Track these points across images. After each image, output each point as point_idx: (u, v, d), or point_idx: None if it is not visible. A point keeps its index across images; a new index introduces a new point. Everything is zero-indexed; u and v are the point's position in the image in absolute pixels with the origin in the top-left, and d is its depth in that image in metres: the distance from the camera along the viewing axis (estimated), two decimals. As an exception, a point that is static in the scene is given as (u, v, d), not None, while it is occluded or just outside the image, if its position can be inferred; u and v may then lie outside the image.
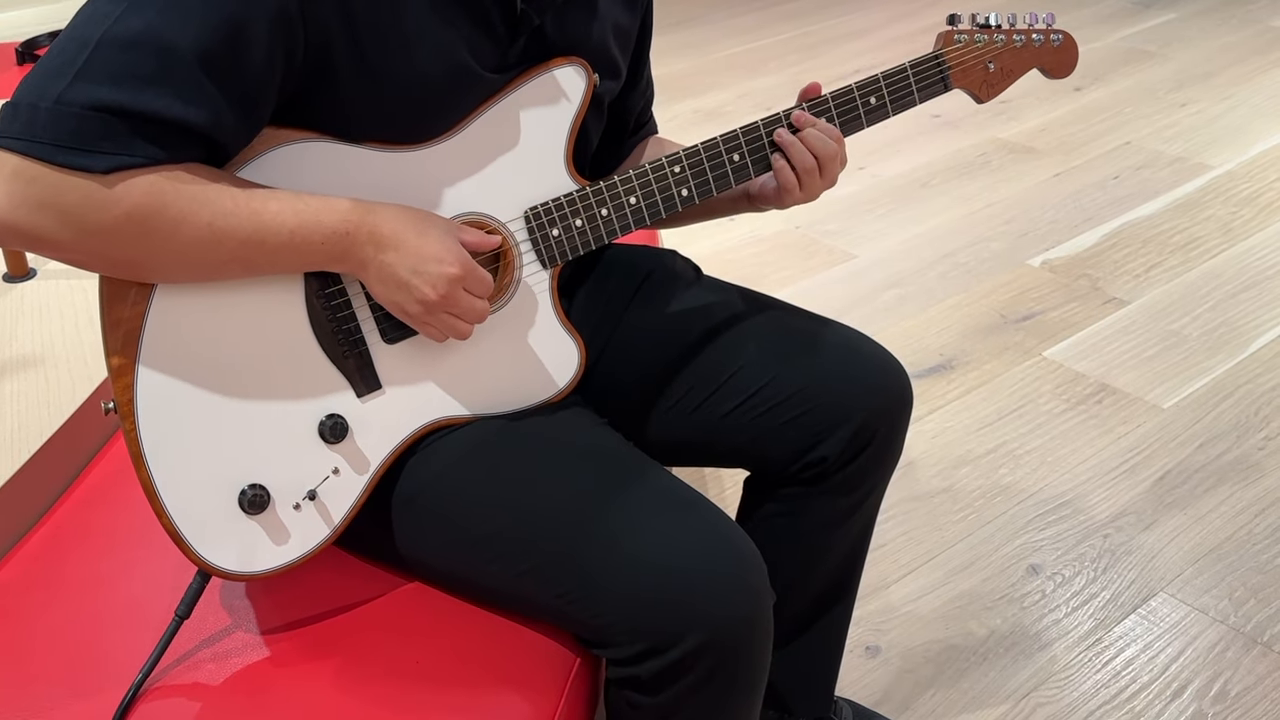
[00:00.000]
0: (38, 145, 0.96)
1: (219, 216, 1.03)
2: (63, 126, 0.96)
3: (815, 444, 1.35)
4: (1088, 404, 2.41)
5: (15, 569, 1.31)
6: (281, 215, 1.06)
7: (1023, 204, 3.23)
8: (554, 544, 1.14)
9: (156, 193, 1.00)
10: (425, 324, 1.14)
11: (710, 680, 1.13)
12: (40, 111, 0.97)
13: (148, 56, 0.98)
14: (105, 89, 0.97)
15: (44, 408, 1.52)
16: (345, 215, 1.08)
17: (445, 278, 1.11)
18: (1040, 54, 1.40)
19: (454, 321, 1.15)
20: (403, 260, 1.10)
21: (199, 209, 1.02)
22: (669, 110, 3.87)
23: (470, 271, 1.13)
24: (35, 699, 1.13)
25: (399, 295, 1.12)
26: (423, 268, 1.10)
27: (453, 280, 1.11)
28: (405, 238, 1.10)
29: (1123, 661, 1.82)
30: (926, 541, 2.06)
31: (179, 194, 1.01)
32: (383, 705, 1.12)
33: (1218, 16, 4.61)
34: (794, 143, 1.26)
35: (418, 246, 1.10)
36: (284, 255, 1.07)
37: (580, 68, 1.22)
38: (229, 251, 1.05)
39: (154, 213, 1.00)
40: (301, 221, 1.07)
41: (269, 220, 1.05)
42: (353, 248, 1.09)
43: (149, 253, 1.03)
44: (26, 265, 1.87)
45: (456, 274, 1.11)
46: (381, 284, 1.12)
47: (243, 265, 1.07)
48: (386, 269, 1.10)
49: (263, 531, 1.14)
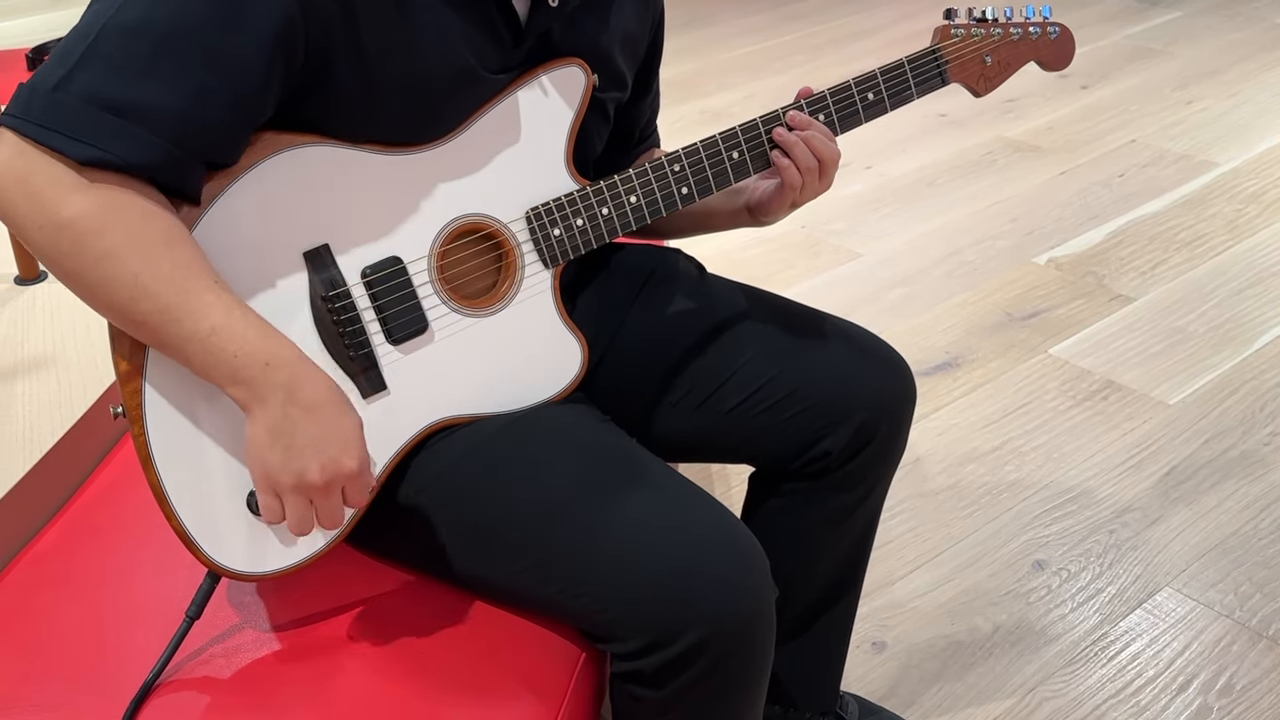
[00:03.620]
0: (28, 124, 0.98)
1: (148, 272, 0.99)
2: (55, 111, 0.98)
3: (819, 439, 1.36)
4: (1093, 400, 2.41)
5: (27, 568, 1.32)
6: (210, 309, 1.00)
7: (1028, 202, 3.24)
8: (558, 540, 1.15)
9: (104, 214, 0.98)
10: (276, 497, 1.04)
11: (713, 674, 1.14)
12: (39, 94, 0.99)
13: (144, 46, 0.99)
14: (101, 78, 0.98)
15: (55, 409, 1.53)
16: (275, 349, 1.02)
17: (341, 469, 1.03)
18: (1037, 47, 1.41)
19: (306, 513, 1.05)
20: (308, 426, 1.02)
21: (131, 255, 0.99)
22: (675, 111, 3.88)
23: (360, 477, 1.05)
24: (46, 696, 1.14)
25: (278, 457, 1.02)
26: (325, 446, 1.02)
27: (346, 476, 1.04)
28: (324, 407, 1.03)
29: (1128, 656, 1.82)
30: (932, 538, 2.07)
31: (123, 227, 0.99)
32: (390, 700, 1.13)
33: (1223, 14, 4.61)
34: (797, 143, 1.27)
35: (330, 425, 1.03)
36: (193, 347, 1.01)
37: (579, 68, 1.23)
38: (143, 314, 1.00)
39: (90, 232, 0.98)
40: (228, 324, 1.01)
41: (195, 305, 1.00)
42: (263, 380, 1.01)
43: (74, 271, 1.00)
44: (38, 268, 1.88)
45: (353, 470, 1.04)
46: (269, 433, 1.02)
47: (152, 336, 1.02)
48: (286, 423, 1.02)
49: (271, 533, 1.15)
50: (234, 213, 1.08)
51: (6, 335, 1.73)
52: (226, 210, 1.08)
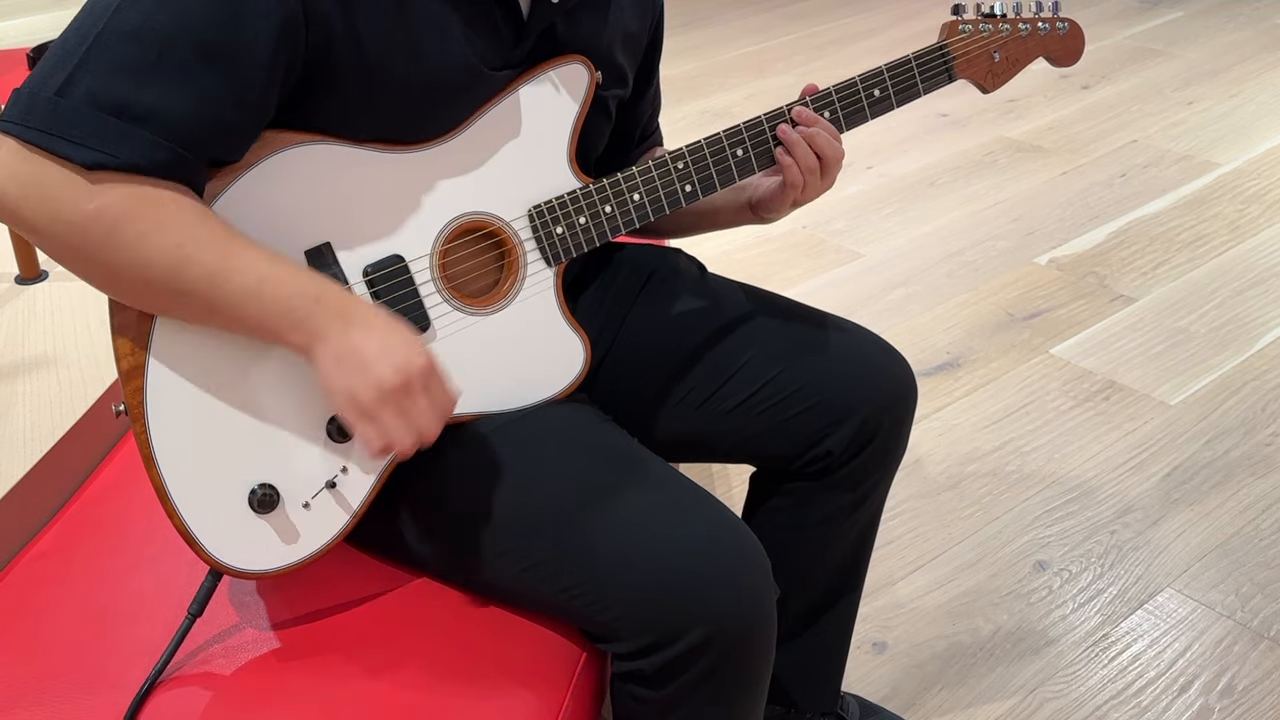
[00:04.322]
0: (31, 131, 0.98)
1: (190, 242, 1.01)
2: (57, 116, 0.98)
3: (820, 439, 1.36)
4: (1095, 401, 2.41)
5: (28, 567, 1.32)
6: (256, 261, 1.03)
7: (1030, 202, 3.23)
8: (559, 540, 1.15)
9: (133, 198, 0.99)
10: (370, 419, 1.05)
11: (714, 674, 1.14)
12: (39, 100, 0.98)
13: (146, 48, 0.99)
14: (102, 81, 0.98)
15: (56, 408, 1.53)
16: (321, 282, 1.06)
17: (414, 366, 1.04)
18: (1046, 42, 1.39)
19: (398, 425, 1.05)
20: (371, 340, 1.04)
21: (171, 228, 1.00)
22: (677, 111, 3.87)
23: (436, 371, 1.07)
24: (48, 694, 1.14)
25: (355, 378, 1.04)
26: (392, 351, 1.04)
27: (420, 371, 1.05)
28: (376, 321, 1.05)
29: (1129, 657, 1.82)
30: (933, 538, 2.07)
31: (155, 207, 1.00)
32: (392, 699, 1.13)
33: (1224, 14, 4.61)
34: (799, 141, 1.27)
35: (389, 331, 1.05)
36: (246, 303, 1.03)
37: (582, 65, 1.23)
38: (189, 281, 1.02)
39: (124, 215, 0.99)
40: (274, 271, 1.03)
41: (240, 261, 1.02)
42: (318, 314, 1.04)
43: (108, 257, 1.01)
44: (38, 267, 1.88)
45: (425, 365, 1.05)
46: (338, 363, 1.04)
47: (202, 302, 1.03)
48: (348, 346, 1.04)
49: (273, 530, 1.15)
50: (235, 211, 1.08)
51: (7, 335, 1.73)
52: (228, 209, 1.08)
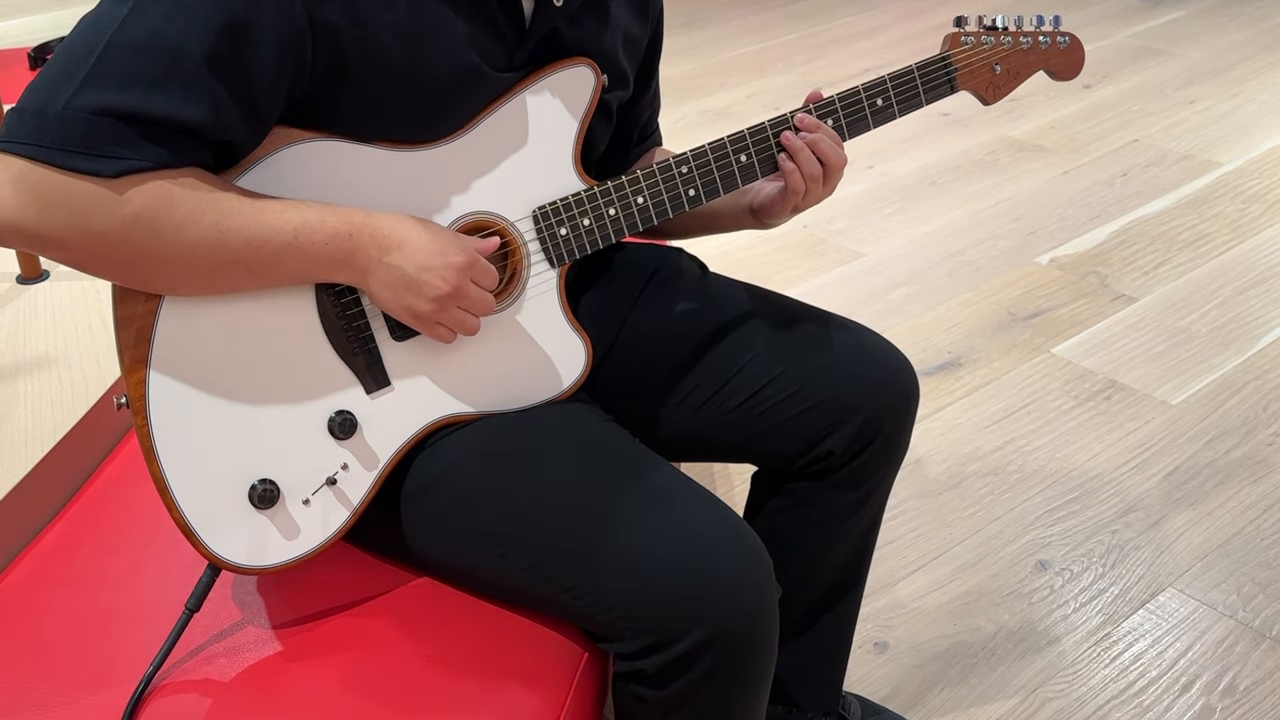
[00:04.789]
0: (45, 150, 0.97)
1: (225, 215, 1.04)
2: (71, 131, 0.97)
3: (821, 439, 1.36)
4: (1096, 400, 2.41)
5: (29, 566, 1.32)
6: (285, 214, 1.07)
7: (1031, 202, 3.23)
8: (560, 540, 1.15)
9: (164, 193, 1.01)
10: (436, 323, 1.14)
11: (716, 674, 1.14)
12: (48, 117, 0.97)
13: (155, 60, 0.98)
14: (113, 93, 0.97)
15: (57, 407, 1.53)
16: (347, 217, 1.09)
17: (454, 268, 1.11)
18: (1047, 56, 1.40)
19: (463, 316, 1.15)
20: (408, 259, 1.10)
21: (205, 208, 1.03)
22: (677, 111, 3.88)
23: (475, 261, 1.13)
24: (49, 694, 1.14)
25: (408, 297, 1.12)
26: (430, 262, 1.10)
27: (461, 270, 1.12)
28: (408, 237, 1.10)
29: (1131, 656, 1.82)
30: (935, 538, 2.07)
31: (186, 195, 1.02)
32: (392, 699, 1.13)
33: (1226, 13, 4.61)
34: (802, 148, 1.27)
35: (422, 244, 1.10)
36: (288, 257, 1.08)
37: (589, 67, 1.23)
38: (233, 252, 1.05)
39: (161, 212, 1.01)
40: (305, 220, 1.07)
41: (273, 219, 1.06)
42: (356, 250, 1.09)
43: (154, 254, 1.03)
44: (40, 267, 1.88)
45: (464, 263, 1.12)
46: (389, 288, 1.11)
47: (246, 269, 1.07)
48: (393, 271, 1.10)
49: (273, 526, 1.15)
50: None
51: (8, 334, 1.73)
52: (231, 207, 1.08)
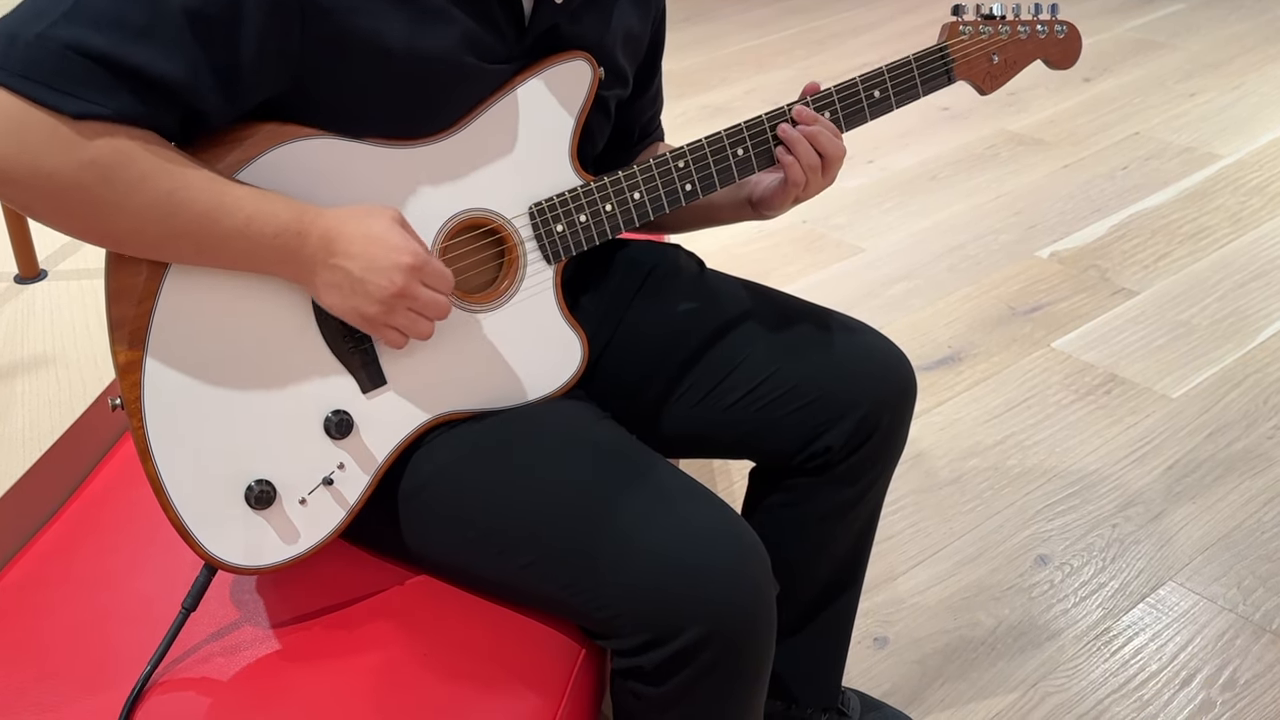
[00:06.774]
0: (5, 73, 0.95)
1: (181, 187, 1.02)
2: (39, 60, 0.95)
3: (819, 434, 1.36)
4: (1096, 394, 2.41)
5: (26, 566, 1.32)
6: (242, 200, 1.05)
7: (1031, 195, 3.23)
8: (557, 537, 1.15)
9: (124, 149, 0.99)
10: (386, 326, 1.11)
11: (713, 670, 1.14)
12: (18, 43, 0.95)
13: (138, 8, 0.97)
14: (90, 32, 0.96)
15: (54, 407, 1.53)
16: (300, 214, 1.07)
17: (401, 268, 1.08)
18: (1044, 45, 1.40)
19: (414, 319, 1.12)
20: (355, 260, 1.08)
21: (162, 175, 1.01)
22: (677, 106, 3.87)
23: (425, 262, 1.10)
24: (46, 694, 1.14)
25: (354, 299, 1.09)
26: (375, 263, 1.08)
27: (408, 271, 1.09)
28: (354, 238, 1.08)
29: (1131, 650, 1.82)
30: (934, 533, 2.06)
31: (145, 155, 1.00)
32: (390, 697, 1.13)
33: (1226, 6, 4.60)
34: (800, 140, 1.26)
35: (366, 245, 1.08)
36: (235, 242, 1.05)
37: (585, 62, 1.22)
38: (182, 224, 1.03)
39: (118, 166, 0.99)
40: (259, 209, 1.05)
41: (228, 201, 1.04)
42: (303, 248, 1.07)
43: (100, 208, 1.01)
44: (37, 267, 1.88)
45: (410, 263, 1.09)
46: (335, 289, 1.09)
47: (193, 244, 1.05)
48: (338, 272, 1.08)
49: (269, 526, 1.15)
50: (232, 209, 1.08)
51: (6, 334, 1.73)
52: (225, 206, 1.08)
